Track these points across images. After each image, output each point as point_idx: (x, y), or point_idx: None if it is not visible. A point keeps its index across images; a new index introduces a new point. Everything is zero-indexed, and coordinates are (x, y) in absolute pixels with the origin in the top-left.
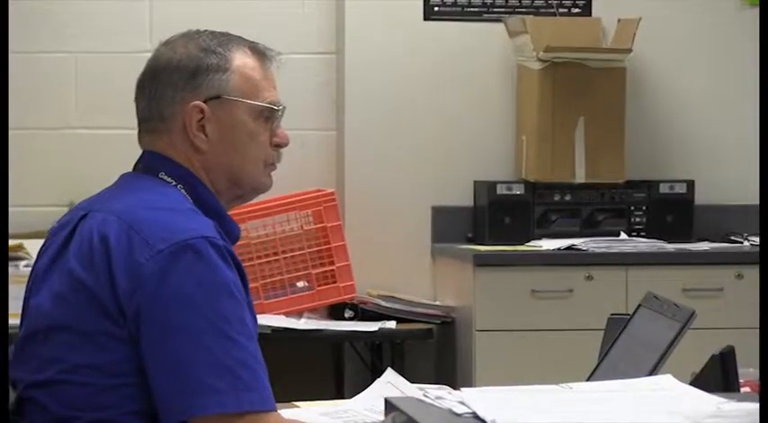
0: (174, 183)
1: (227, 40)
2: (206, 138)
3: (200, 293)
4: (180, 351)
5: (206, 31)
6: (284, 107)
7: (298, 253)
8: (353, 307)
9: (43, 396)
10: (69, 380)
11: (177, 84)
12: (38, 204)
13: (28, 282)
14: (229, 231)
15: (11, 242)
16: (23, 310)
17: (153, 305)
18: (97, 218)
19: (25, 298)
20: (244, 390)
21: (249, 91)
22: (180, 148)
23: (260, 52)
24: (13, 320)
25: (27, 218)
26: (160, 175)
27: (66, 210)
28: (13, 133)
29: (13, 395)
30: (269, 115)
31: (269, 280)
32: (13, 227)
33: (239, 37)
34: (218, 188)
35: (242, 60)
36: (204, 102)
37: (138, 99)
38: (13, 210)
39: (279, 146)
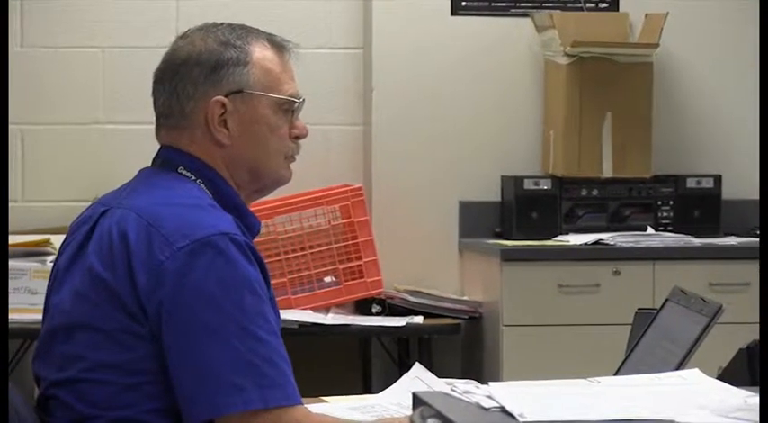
0: (192, 178)
1: (246, 32)
2: (227, 132)
3: (221, 291)
4: (203, 349)
5: (223, 23)
6: (304, 99)
7: (325, 248)
8: (381, 302)
9: (66, 394)
10: (92, 378)
11: (198, 79)
12: (65, 199)
13: (50, 278)
14: (250, 225)
15: (38, 237)
16: (45, 307)
17: (174, 303)
18: (116, 214)
19: (47, 295)
20: (269, 386)
21: (270, 84)
22: (200, 142)
23: (278, 44)
24: (41, 316)
25: (54, 213)
26: (179, 170)
27: None
28: (39, 128)
29: (37, 391)
30: (288, 108)
31: (296, 275)
32: (39, 222)
33: (257, 29)
34: (238, 182)
35: (261, 53)
36: (225, 96)
37: (156, 93)
38: (39, 205)
39: (298, 137)
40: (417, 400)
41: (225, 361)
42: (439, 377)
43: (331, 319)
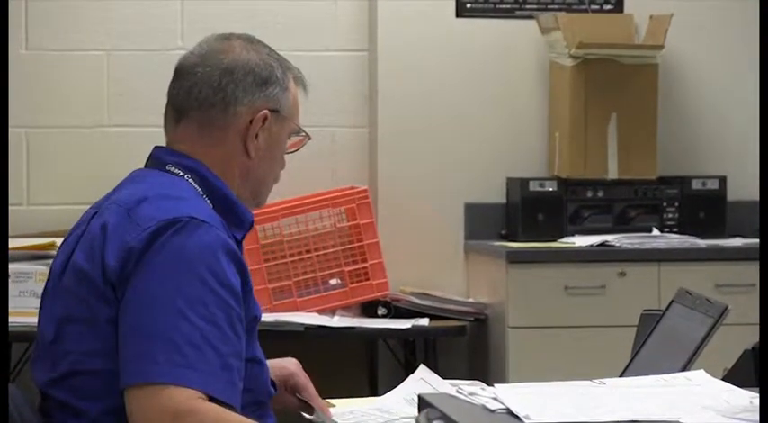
0: (181, 173)
1: (284, 59)
2: (257, 145)
3: (169, 267)
4: (134, 319)
5: (260, 41)
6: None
7: (331, 250)
8: (386, 304)
9: (60, 392)
10: (81, 370)
11: (249, 87)
12: (70, 202)
13: (46, 280)
14: (243, 218)
15: (43, 240)
16: (40, 310)
17: (132, 279)
18: (103, 212)
19: (42, 300)
20: (183, 366)
21: (293, 114)
22: (228, 145)
23: (302, 83)
24: None
25: (59, 216)
26: (167, 168)
27: None
28: (45, 131)
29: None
30: (292, 141)
31: (302, 278)
32: (45, 225)
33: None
34: (240, 195)
35: (293, 84)
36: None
37: (186, 82)
38: (44, 208)
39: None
40: (423, 402)
41: (148, 333)
42: (444, 379)
43: (337, 321)
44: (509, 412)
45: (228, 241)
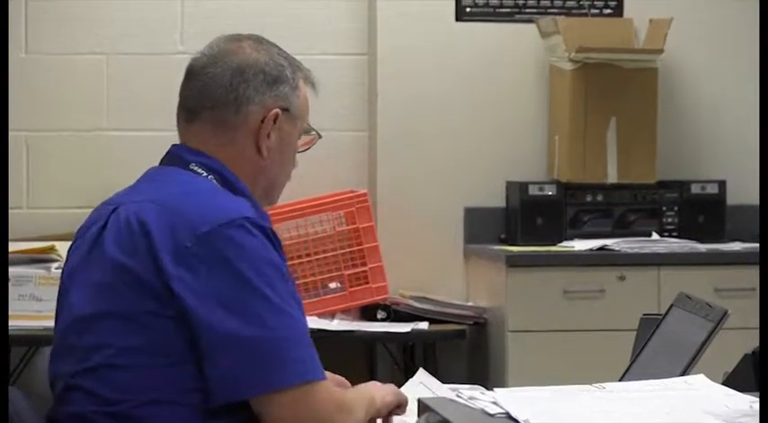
0: (204, 173)
1: (293, 58)
2: (269, 144)
3: (252, 272)
4: (237, 330)
5: (269, 41)
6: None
7: (330, 254)
8: (386, 308)
9: (89, 382)
10: (117, 364)
11: (260, 86)
12: (70, 206)
13: (61, 281)
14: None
15: (43, 244)
16: (58, 309)
17: (207, 287)
18: (131, 208)
19: (60, 296)
20: (300, 362)
21: (304, 113)
22: (241, 144)
23: (312, 82)
24: (50, 323)
25: (59, 220)
26: (190, 167)
27: None
28: (44, 135)
29: (55, 390)
30: (305, 140)
31: (301, 281)
32: (44, 229)
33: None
34: (253, 194)
35: (302, 82)
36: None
37: (198, 82)
38: (44, 212)
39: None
40: (423, 406)
41: (260, 339)
42: (444, 383)
43: (336, 325)
44: (508, 416)
45: (275, 233)
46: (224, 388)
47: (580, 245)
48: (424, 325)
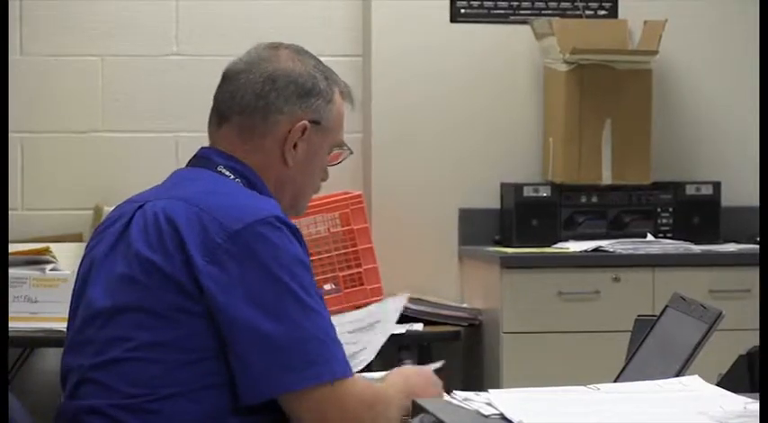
0: (232, 176)
1: (331, 72)
2: (295, 154)
3: (281, 270)
4: (268, 328)
5: (308, 52)
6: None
7: (325, 255)
8: None
9: (105, 376)
10: (137, 357)
11: (291, 97)
12: (65, 208)
13: (79, 278)
14: None
15: (38, 246)
16: (74, 305)
17: (235, 283)
18: (159, 205)
19: (78, 292)
20: (332, 360)
21: (337, 127)
22: (266, 152)
23: (349, 97)
24: (45, 324)
25: (54, 221)
26: (218, 169)
27: (92, 213)
28: (39, 137)
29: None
30: (337, 153)
31: None
32: (39, 230)
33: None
34: (279, 202)
35: (338, 96)
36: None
37: (232, 86)
38: (39, 213)
39: (323, 179)
40: (417, 408)
41: (291, 338)
42: None
43: None
44: (503, 417)
45: (301, 232)
46: (254, 386)
47: (575, 246)
48: (418, 326)
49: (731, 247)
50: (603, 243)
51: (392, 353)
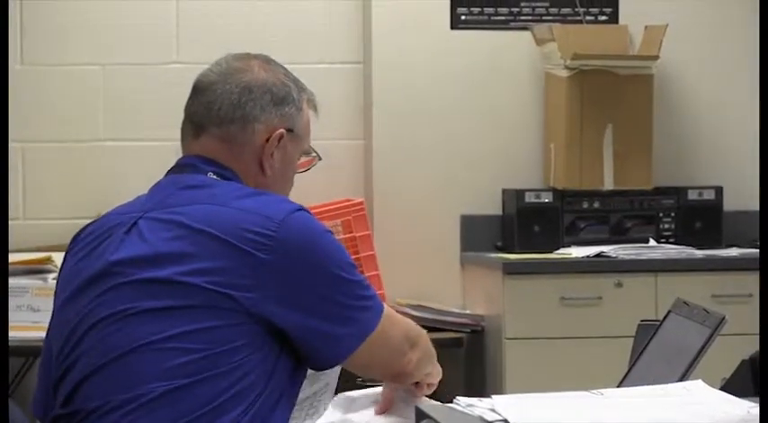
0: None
1: (299, 81)
2: (272, 163)
3: (330, 248)
4: (320, 300)
5: (276, 61)
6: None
7: None
8: None
9: (114, 370)
10: (168, 347)
11: (267, 105)
12: (66, 217)
13: (59, 288)
14: None
15: (39, 255)
16: (57, 313)
17: (284, 276)
18: (181, 211)
19: (62, 300)
20: (378, 312)
21: (306, 134)
22: (245, 161)
23: (314, 105)
24: (43, 334)
25: (55, 230)
26: (209, 175)
27: None
28: (40, 146)
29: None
30: (306, 160)
31: None
32: (41, 239)
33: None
34: None
35: (306, 105)
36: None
37: (205, 98)
38: (40, 222)
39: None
40: (420, 414)
41: (336, 316)
42: (441, 391)
43: None
44: None
45: None
46: (316, 361)
47: (577, 252)
48: None
49: (734, 252)
50: (606, 248)
51: None
